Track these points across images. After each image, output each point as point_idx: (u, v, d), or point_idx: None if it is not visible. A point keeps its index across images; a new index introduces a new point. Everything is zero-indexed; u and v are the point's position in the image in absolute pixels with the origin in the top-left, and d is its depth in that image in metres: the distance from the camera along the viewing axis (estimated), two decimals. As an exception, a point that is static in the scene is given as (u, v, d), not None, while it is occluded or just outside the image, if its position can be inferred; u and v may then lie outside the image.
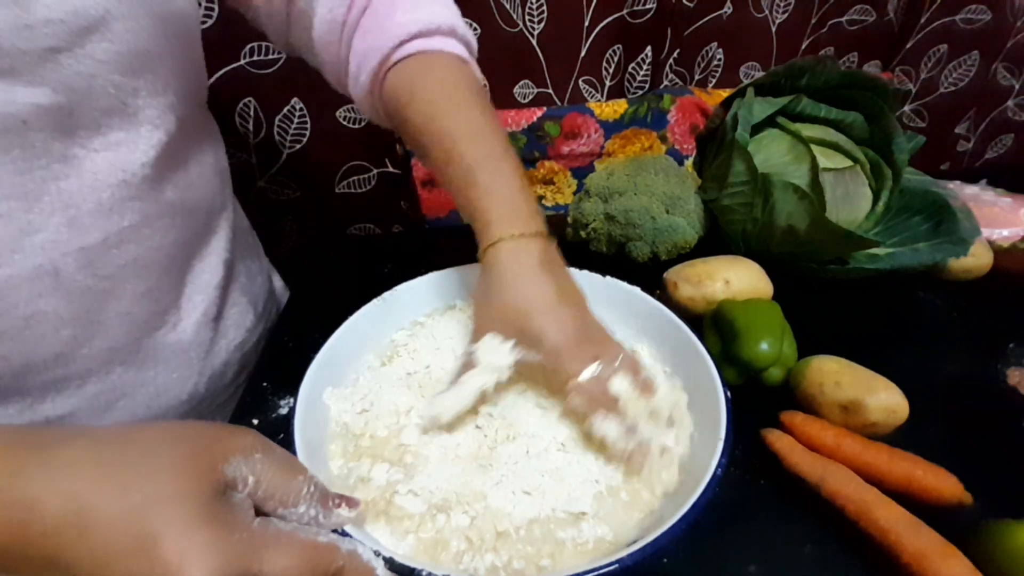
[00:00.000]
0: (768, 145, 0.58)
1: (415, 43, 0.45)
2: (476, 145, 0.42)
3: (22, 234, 0.34)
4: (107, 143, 0.37)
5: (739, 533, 0.37)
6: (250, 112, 0.79)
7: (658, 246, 0.61)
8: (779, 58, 0.94)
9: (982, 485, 0.37)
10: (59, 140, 0.34)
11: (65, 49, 0.32)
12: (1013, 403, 0.46)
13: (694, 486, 0.33)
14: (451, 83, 0.45)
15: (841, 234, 0.53)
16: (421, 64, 0.45)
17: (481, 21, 0.79)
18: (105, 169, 0.37)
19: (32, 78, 0.31)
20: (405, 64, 0.45)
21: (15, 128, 0.32)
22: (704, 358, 0.41)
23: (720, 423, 0.36)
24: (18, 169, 0.33)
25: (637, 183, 0.62)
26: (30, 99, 0.31)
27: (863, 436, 0.41)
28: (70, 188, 0.35)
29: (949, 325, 0.56)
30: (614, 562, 0.29)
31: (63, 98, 0.33)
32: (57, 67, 0.32)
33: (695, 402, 0.41)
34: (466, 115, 0.43)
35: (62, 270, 0.36)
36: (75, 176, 0.35)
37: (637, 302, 0.48)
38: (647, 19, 0.83)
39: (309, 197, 0.89)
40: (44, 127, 0.33)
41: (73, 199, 0.36)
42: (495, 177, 0.41)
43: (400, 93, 0.45)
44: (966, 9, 0.95)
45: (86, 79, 0.33)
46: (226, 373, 0.52)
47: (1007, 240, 0.64)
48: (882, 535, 0.35)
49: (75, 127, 0.35)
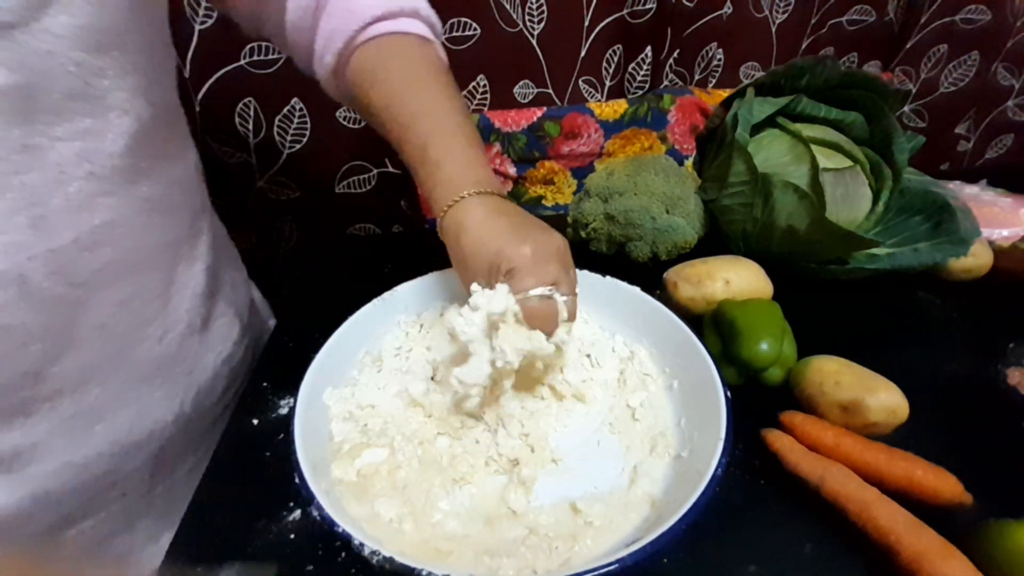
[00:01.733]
0: (768, 145, 0.58)
1: (379, 25, 0.46)
2: (431, 122, 0.43)
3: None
4: (72, 131, 0.33)
5: (739, 533, 0.37)
6: (250, 112, 0.79)
7: (658, 246, 0.61)
8: (779, 58, 0.94)
9: (982, 485, 0.37)
10: (18, 127, 0.31)
11: (19, 24, 0.29)
12: (1013, 403, 0.46)
13: (694, 486, 0.33)
14: (412, 64, 0.46)
15: (841, 234, 0.53)
16: (384, 46, 0.46)
17: (481, 21, 0.79)
18: (71, 160, 0.33)
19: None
20: (369, 46, 0.46)
21: None
22: (704, 358, 0.41)
23: (720, 423, 0.37)
24: None
25: (637, 183, 0.62)
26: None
27: (863, 436, 0.41)
28: (33, 182, 0.32)
29: (949, 325, 0.56)
30: (614, 562, 0.29)
31: (20, 78, 0.30)
32: (12, 44, 0.29)
33: (695, 402, 0.41)
34: (424, 95, 0.44)
35: (29, 277, 0.33)
36: (38, 169, 0.32)
37: (637, 302, 0.48)
38: (647, 19, 0.83)
39: (309, 197, 0.89)
40: (1, 112, 0.30)
41: (38, 195, 0.32)
42: (447, 152, 0.43)
43: (363, 75, 0.46)
44: (966, 9, 0.96)
45: (44, 57, 0.30)
46: (214, 389, 0.50)
47: (1007, 240, 0.64)
48: (882, 535, 0.35)
49: (35, 111, 0.31)
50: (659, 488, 0.38)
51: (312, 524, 0.37)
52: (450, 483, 0.38)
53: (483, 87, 0.85)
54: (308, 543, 0.36)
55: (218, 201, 0.52)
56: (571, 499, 0.37)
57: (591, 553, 0.34)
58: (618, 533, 0.35)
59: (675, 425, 0.41)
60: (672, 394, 0.43)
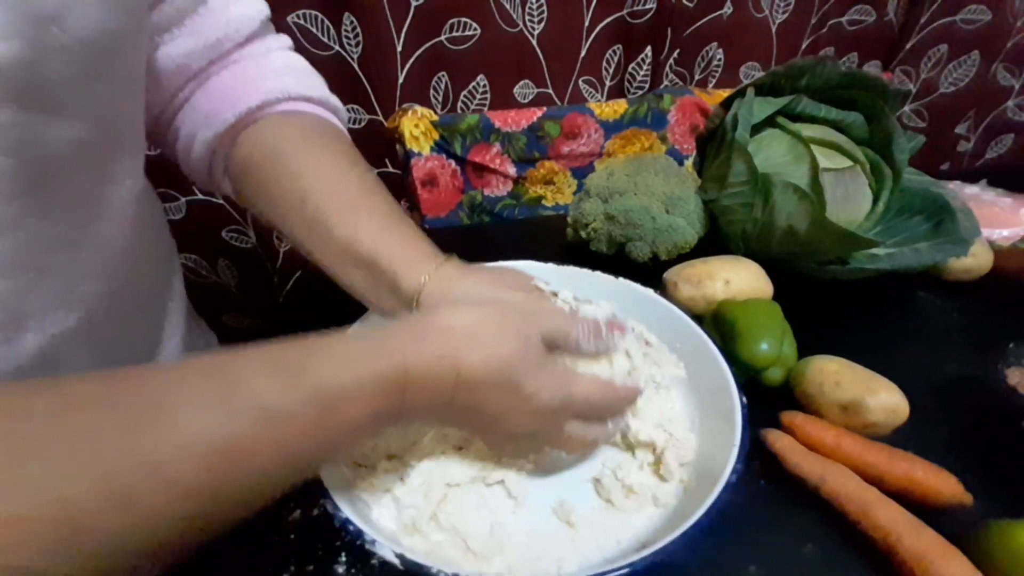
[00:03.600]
0: (768, 145, 0.58)
1: (286, 105, 0.42)
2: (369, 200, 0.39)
3: (65, 289, 0.31)
4: (124, 172, 0.34)
5: (739, 533, 0.37)
6: (250, 112, 0.79)
7: (658, 246, 0.61)
8: (779, 58, 0.94)
9: (982, 485, 0.37)
10: (93, 177, 0.31)
11: (94, 74, 0.28)
12: (1013, 403, 0.46)
13: (707, 491, 0.33)
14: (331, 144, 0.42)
15: (841, 234, 0.53)
16: (293, 122, 0.42)
17: (481, 21, 0.79)
18: (126, 202, 0.35)
19: (75, 109, 0.28)
20: (273, 121, 0.41)
21: (61, 171, 0.28)
22: (720, 363, 0.41)
23: (736, 429, 0.37)
24: (64, 219, 0.30)
25: (637, 183, 0.62)
26: (74, 134, 0.28)
27: (863, 436, 0.41)
28: (102, 231, 0.33)
29: (949, 325, 0.56)
30: (624, 566, 0.29)
31: (97, 130, 0.30)
32: (91, 95, 0.29)
33: (710, 408, 0.41)
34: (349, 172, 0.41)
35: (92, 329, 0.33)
36: (106, 218, 0.33)
37: (649, 303, 0.48)
38: (647, 19, 0.83)
39: (309, 197, 0.89)
40: (84, 164, 0.30)
41: (104, 240, 0.33)
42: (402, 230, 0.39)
43: (267, 148, 0.40)
44: (966, 9, 0.95)
45: (108, 105, 0.31)
46: None
47: (1007, 240, 0.64)
48: (882, 535, 0.35)
49: (103, 161, 0.32)
50: (670, 492, 0.38)
51: (312, 524, 0.37)
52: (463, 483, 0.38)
53: (483, 87, 0.85)
54: (308, 543, 0.36)
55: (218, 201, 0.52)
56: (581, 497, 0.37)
57: (596, 556, 0.34)
58: (628, 535, 0.35)
59: (688, 429, 0.41)
60: (685, 398, 0.44)
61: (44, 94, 0.26)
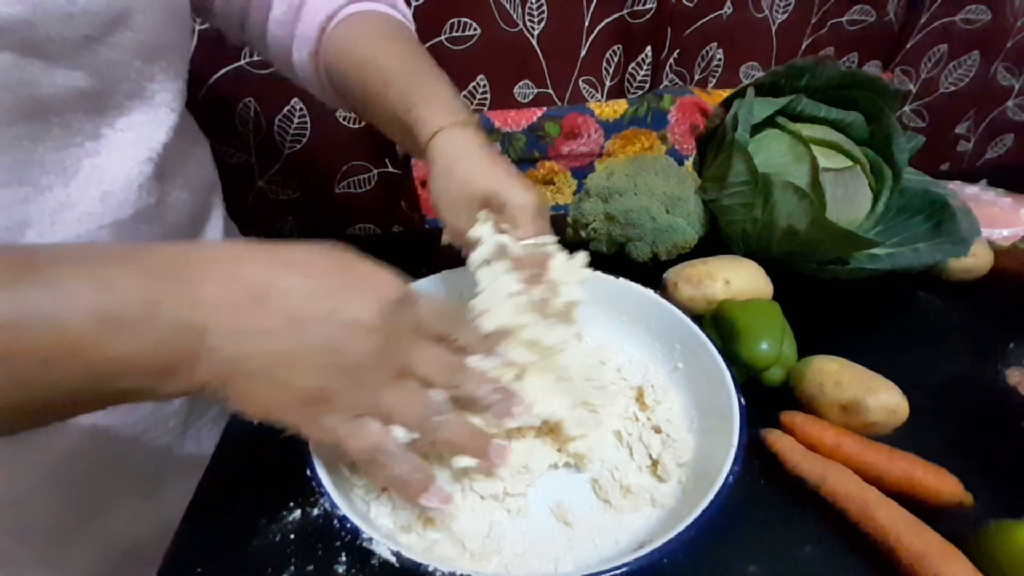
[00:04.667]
0: (768, 145, 0.58)
1: (353, 6, 0.50)
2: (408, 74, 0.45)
3: (61, 207, 0.36)
4: (130, 123, 0.40)
5: (739, 533, 0.37)
6: (250, 112, 0.79)
7: (658, 246, 0.61)
8: (779, 58, 0.94)
9: (982, 485, 0.37)
10: (91, 120, 0.37)
11: (97, 38, 0.35)
12: (1013, 403, 0.46)
13: (706, 491, 0.33)
14: (384, 29, 0.49)
15: (841, 234, 0.53)
16: (356, 20, 0.49)
17: (481, 21, 0.79)
18: (131, 147, 0.40)
19: (71, 63, 0.34)
20: (342, 23, 0.49)
21: (55, 108, 0.35)
22: (719, 364, 0.41)
23: (734, 429, 0.36)
24: (57, 146, 0.36)
25: (637, 183, 0.62)
26: (69, 82, 0.34)
27: (863, 436, 0.41)
28: (102, 164, 0.38)
29: (949, 325, 0.56)
30: (620, 566, 0.29)
31: (95, 82, 0.36)
32: (91, 54, 0.35)
33: (708, 408, 0.41)
34: (398, 50, 0.47)
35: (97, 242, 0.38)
36: (105, 153, 0.38)
37: (647, 303, 0.48)
38: (647, 19, 0.83)
39: (309, 197, 0.89)
40: (79, 108, 0.36)
41: (105, 175, 0.38)
42: (429, 89, 0.45)
43: (338, 45, 0.48)
44: (966, 9, 0.95)
45: (113, 65, 0.37)
46: None
47: (1007, 240, 0.64)
48: (882, 535, 0.35)
49: (104, 108, 0.38)
50: (668, 492, 0.38)
51: (312, 524, 0.37)
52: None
53: (483, 87, 0.85)
54: (308, 543, 0.36)
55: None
56: (579, 498, 0.37)
57: (595, 555, 0.34)
58: (626, 535, 0.35)
59: (687, 429, 0.41)
60: (684, 398, 0.44)
61: (41, 47, 0.32)
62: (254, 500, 0.39)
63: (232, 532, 0.37)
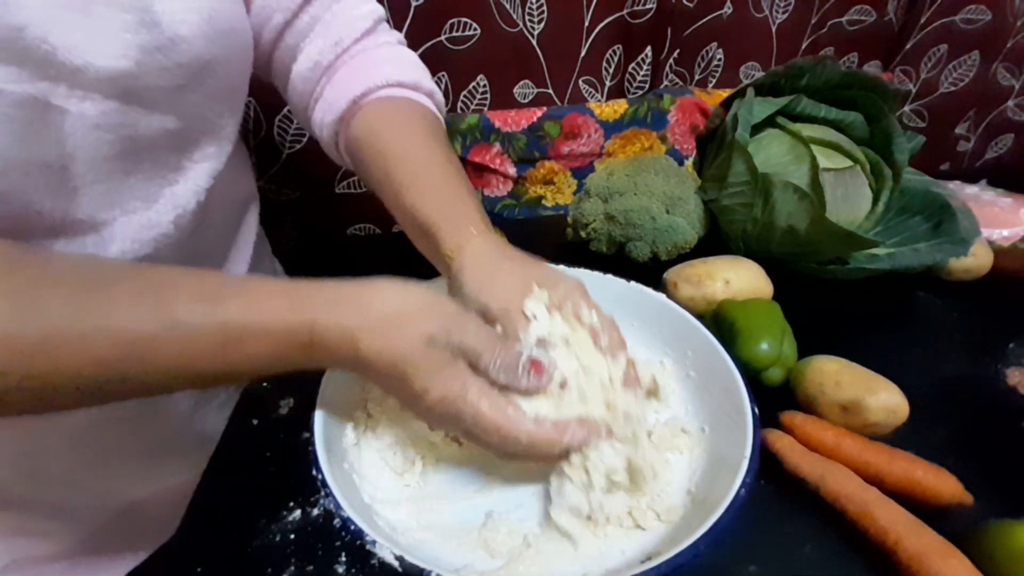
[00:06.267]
0: (768, 145, 0.58)
1: (388, 90, 0.50)
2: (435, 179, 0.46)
3: (142, 228, 0.40)
4: (204, 155, 0.44)
5: (739, 533, 0.37)
6: (250, 112, 0.79)
7: (658, 246, 0.61)
8: (779, 58, 0.94)
9: (982, 485, 0.37)
10: (175, 155, 0.42)
11: (187, 85, 0.39)
12: (1013, 403, 0.46)
13: (716, 504, 0.33)
14: (419, 127, 0.49)
15: (841, 234, 0.53)
16: (391, 108, 0.50)
17: (481, 21, 0.79)
18: (202, 176, 0.44)
19: (165, 108, 0.39)
20: (377, 104, 0.49)
21: (148, 146, 0.39)
22: (730, 368, 0.41)
23: (747, 439, 0.36)
24: (146, 178, 0.40)
25: (637, 183, 0.62)
26: (162, 124, 0.39)
27: (863, 436, 0.41)
28: (177, 191, 0.42)
29: (949, 325, 0.56)
30: None
31: (183, 123, 0.41)
32: (182, 100, 0.40)
33: (719, 413, 0.41)
34: (422, 145, 0.47)
35: (164, 258, 0.42)
36: (182, 182, 0.43)
37: (659, 307, 0.48)
38: (647, 19, 0.83)
39: (309, 197, 0.89)
40: (167, 145, 0.41)
41: (179, 200, 0.42)
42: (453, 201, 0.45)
43: (369, 129, 0.49)
44: (966, 9, 0.95)
45: (197, 107, 0.42)
46: None
47: (1007, 240, 0.64)
48: (882, 535, 0.35)
49: (185, 144, 0.43)
50: (676, 504, 0.37)
51: (312, 524, 0.37)
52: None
53: (483, 87, 0.85)
54: (308, 543, 0.36)
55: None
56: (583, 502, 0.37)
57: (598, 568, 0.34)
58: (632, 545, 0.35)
59: (698, 432, 0.41)
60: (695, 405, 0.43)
61: (141, 96, 0.37)
62: (254, 500, 0.39)
63: (232, 532, 0.37)
